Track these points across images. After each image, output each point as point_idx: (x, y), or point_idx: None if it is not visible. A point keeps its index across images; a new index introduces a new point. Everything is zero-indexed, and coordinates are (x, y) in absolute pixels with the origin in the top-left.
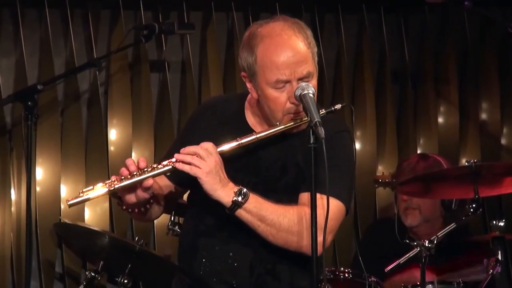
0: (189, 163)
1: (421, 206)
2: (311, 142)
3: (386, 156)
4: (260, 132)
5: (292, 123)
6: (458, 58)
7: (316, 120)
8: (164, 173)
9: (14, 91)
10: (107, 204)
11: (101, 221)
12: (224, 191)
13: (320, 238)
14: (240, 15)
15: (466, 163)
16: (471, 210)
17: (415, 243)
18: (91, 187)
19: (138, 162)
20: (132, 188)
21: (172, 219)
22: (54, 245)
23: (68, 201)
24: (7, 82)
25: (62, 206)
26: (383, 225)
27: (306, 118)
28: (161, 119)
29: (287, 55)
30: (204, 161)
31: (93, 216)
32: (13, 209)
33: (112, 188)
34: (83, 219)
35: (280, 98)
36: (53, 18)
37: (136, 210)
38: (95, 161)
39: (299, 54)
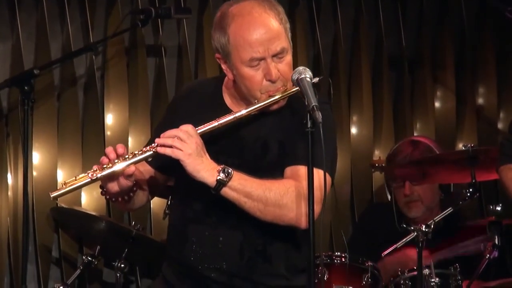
0: (170, 146)
1: (422, 196)
2: (309, 126)
3: (382, 141)
4: (239, 111)
5: (270, 100)
6: (455, 43)
7: (314, 104)
8: (145, 158)
9: (11, 76)
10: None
11: (98, 205)
12: (207, 171)
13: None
14: None
15: (463, 148)
16: (468, 194)
17: (412, 228)
18: (74, 178)
19: (116, 149)
20: (114, 176)
21: (169, 203)
22: (50, 229)
23: (51, 193)
24: (4, 66)
25: None
26: (379, 210)
27: (285, 93)
28: (157, 103)
29: (260, 32)
30: (185, 143)
31: (90, 201)
32: (9, 193)
33: (95, 177)
34: (80, 204)
35: (256, 76)
36: (50, 3)
37: (120, 198)
38: (91, 145)
39: (271, 31)
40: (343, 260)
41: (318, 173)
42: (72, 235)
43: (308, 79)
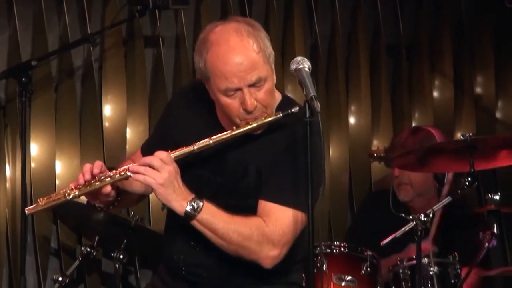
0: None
1: (413, 180)
2: (307, 116)
3: (381, 130)
4: (215, 137)
5: (247, 127)
6: (453, 32)
7: (312, 94)
8: (120, 180)
9: (8, 67)
10: None
11: None
12: (177, 202)
13: (272, 252)
14: None
15: (462, 137)
16: (467, 183)
17: (410, 217)
18: (51, 195)
19: (93, 169)
20: (93, 193)
21: None
22: (49, 220)
23: (27, 209)
24: (1, 58)
25: (57, 182)
26: (378, 199)
27: (264, 121)
28: (155, 94)
29: (235, 63)
30: (157, 172)
31: None
32: (8, 185)
33: (70, 198)
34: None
35: (233, 104)
36: None
37: (105, 208)
38: (89, 136)
39: (247, 61)
40: (342, 249)
41: (291, 214)
42: (70, 226)
43: (307, 69)
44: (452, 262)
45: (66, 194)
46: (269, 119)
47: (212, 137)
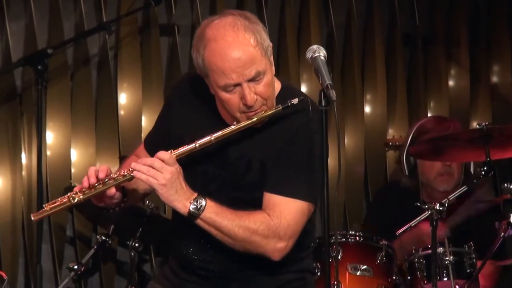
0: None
1: (455, 170)
2: (323, 104)
3: (396, 119)
4: (216, 133)
5: (248, 122)
6: (469, 21)
7: (328, 83)
8: (123, 182)
9: (24, 55)
10: (117, 168)
11: None
12: (179, 202)
13: (279, 244)
14: None
15: (478, 126)
16: (483, 173)
17: (426, 206)
18: (55, 200)
19: (98, 172)
20: (98, 196)
21: None
22: (65, 209)
23: (33, 215)
24: (17, 46)
25: (72, 170)
26: (393, 188)
27: (264, 114)
28: (170, 82)
29: (232, 58)
30: (159, 173)
31: None
32: (24, 173)
33: (75, 202)
34: None
35: (233, 99)
36: None
37: (111, 210)
38: (105, 125)
39: (244, 56)
40: (357, 238)
41: (295, 205)
42: (86, 214)
43: (322, 58)
44: (467, 251)
45: (71, 198)
46: (269, 112)
47: (213, 135)
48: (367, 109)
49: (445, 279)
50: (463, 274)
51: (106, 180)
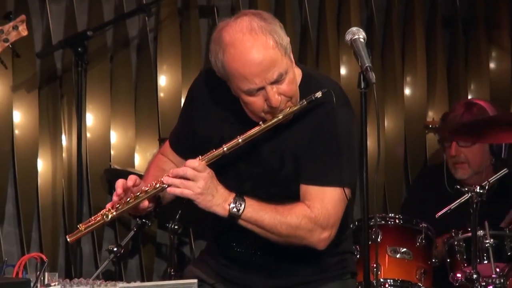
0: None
1: (470, 159)
2: (362, 87)
3: (436, 102)
4: (243, 135)
5: (274, 120)
6: (510, 2)
7: (367, 65)
8: (155, 194)
9: (64, 37)
10: (156, 150)
11: None
12: (219, 206)
13: (323, 235)
14: None
15: None
16: None
17: (466, 189)
18: (89, 219)
19: (126, 183)
20: (132, 208)
21: None
22: (104, 191)
23: (69, 237)
24: (57, 28)
25: (112, 152)
26: (433, 171)
27: (289, 111)
28: (210, 64)
29: (253, 63)
30: (193, 183)
31: (143, 162)
32: (64, 155)
33: (108, 219)
34: (133, 165)
35: (257, 102)
36: None
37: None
38: (144, 107)
39: (265, 61)
40: (397, 221)
41: (333, 193)
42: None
43: (362, 40)
44: (508, 234)
45: (105, 216)
46: (294, 108)
47: (240, 137)
48: (407, 91)
49: (485, 262)
50: (503, 257)
51: (138, 194)
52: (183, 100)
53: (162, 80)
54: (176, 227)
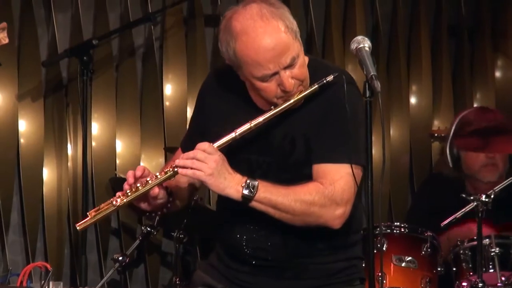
0: (191, 168)
1: (500, 161)
2: (367, 95)
3: (442, 111)
4: (255, 120)
5: (286, 104)
6: None
7: (372, 73)
8: (167, 179)
9: (70, 46)
10: (162, 159)
11: None
12: (231, 188)
13: (338, 211)
14: None
15: None
16: None
17: (471, 197)
18: (98, 206)
19: (135, 172)
20: (142, 198)
21: None
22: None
23: (78, 225)
24: (63, 37)
25: (117, 161)
26: (438, 180)
27: (301, 95)
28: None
29: (266, 49)
30: (204, 163)
31: None
32: (69, 164)
33: (118, 204)
34: None
35: (270, 87)
36: None
37: (159, 213)
38: (150, 116)
39: (278, 46)
40: (402, 230)
41: (345, 170)
42: (131, 205)
43: (367, 49)
44: None
45: (114, 202)
46: (306, 92)
47: (252, 121)
48: (413, 100)
49: (491, 270)
50: (509, 266)
51: (148, 179)
52: (189, 109)
53: (168, 89)
54: (181, 236)
